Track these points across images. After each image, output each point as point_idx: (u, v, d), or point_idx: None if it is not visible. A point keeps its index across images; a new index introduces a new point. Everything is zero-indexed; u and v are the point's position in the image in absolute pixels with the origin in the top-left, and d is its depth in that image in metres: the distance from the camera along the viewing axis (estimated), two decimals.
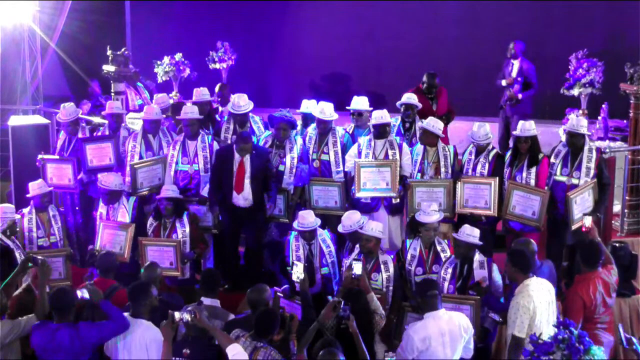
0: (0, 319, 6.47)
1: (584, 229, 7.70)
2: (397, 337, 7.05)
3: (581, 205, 8.23)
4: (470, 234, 7.42)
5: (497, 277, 7.44)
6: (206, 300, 6.87)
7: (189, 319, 5.84)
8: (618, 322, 7.66)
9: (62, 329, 6.14)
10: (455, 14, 12.84)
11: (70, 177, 9.22)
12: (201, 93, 9.78)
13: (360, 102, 9.30)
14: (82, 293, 6.31)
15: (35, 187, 8.60)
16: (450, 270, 7.47)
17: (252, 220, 8.75)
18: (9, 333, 6.41)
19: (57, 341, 6.11)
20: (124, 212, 8.59)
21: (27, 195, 8.64)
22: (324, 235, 7.97)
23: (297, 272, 6.95)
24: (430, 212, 7.77)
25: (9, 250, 7.79)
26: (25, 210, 8.62)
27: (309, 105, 9.52)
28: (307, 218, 7.83)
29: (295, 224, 7.97)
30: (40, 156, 9.34)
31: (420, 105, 9.37)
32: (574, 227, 8.19)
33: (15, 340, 6.51)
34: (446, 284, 7.41)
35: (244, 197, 8.60)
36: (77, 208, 9.44)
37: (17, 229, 8.26)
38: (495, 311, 7.07)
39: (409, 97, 9.32)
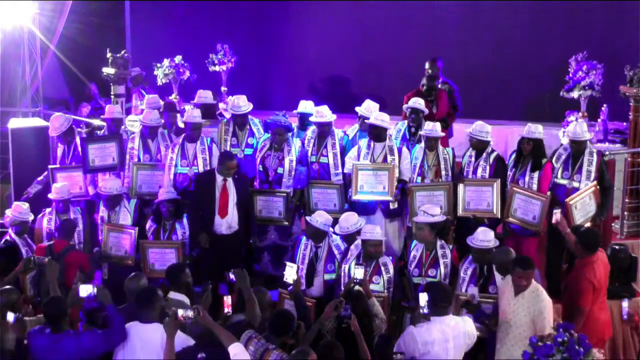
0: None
1: (553, 221, 7.75)
2: (397, 337, 7.04)
3: (582, 210, 8.24)
4: (484, 239, 7.41)
5: None
6: (175, 296, 6.73)
7: (192, 316, 5.82)
8: (618, 324, 7.67)
9: (65, 339, 6.13)
10: (455, 17, 12.84)
11: (81, 185, 9.16)
12: (204, 95, 9.79)
13: (370, 109, 9.11)
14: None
15: (57, 189, 8.61)
16: (469, 272, 7.48)
17: (236, 250, 8.51)
18: None
19: (61, 351, 6.09)
20: (126, 215, 8.61)
21: (49, 196, 8.66)
22: (338, 241, 7.95)
23: (289, 273, 6.95)
24: (420, 213, 7.79)
25: (17, 248, 7.95)
26: (47, 210, 8.65)
27: (306, 106, 9.46)
28: (318, 216, 7.88)
29: (308, 217, 8.03)
30: (50, 166, 9.25)
31: (427, 111, 9.30)
32: None
33: None
34: (465, 285, 7.43)
35: (227, 223, 8.38)
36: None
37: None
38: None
39: (415, 101, 9.22)
